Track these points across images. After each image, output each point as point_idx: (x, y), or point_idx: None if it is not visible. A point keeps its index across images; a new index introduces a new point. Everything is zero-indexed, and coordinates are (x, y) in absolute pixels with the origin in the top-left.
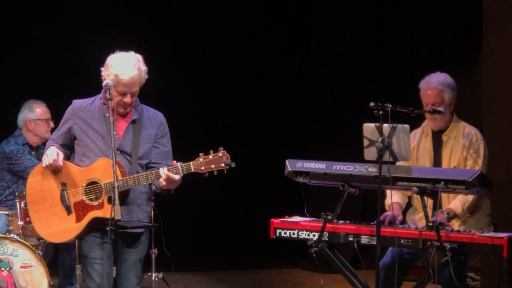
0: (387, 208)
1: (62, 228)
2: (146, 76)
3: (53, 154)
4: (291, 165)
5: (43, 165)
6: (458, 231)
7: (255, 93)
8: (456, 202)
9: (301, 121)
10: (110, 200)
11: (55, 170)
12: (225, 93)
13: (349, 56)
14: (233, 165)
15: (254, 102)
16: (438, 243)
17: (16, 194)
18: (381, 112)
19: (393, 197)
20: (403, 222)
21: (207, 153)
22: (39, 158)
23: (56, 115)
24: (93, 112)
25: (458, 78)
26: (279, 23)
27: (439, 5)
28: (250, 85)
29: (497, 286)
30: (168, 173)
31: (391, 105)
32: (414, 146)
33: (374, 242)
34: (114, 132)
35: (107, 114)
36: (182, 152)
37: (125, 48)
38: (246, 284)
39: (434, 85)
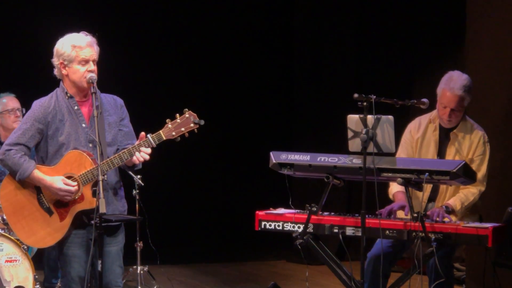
0: (391, 197)
1: (47, 231)
2: (99, 50)
3: (69, 187)
4: (275, 157)
5: (68, 199)
6: (443, 222)
7: (239, 85)
8: (456, 199)
9: (285, 113)
10: (94, 194)
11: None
12: (208, 86)
13: (332, 47)
14: (202, 122)
15: (238, 94)
16: (423, 234)
17: None
18: (365, 103)
19: (396, 186)
20: (390, 214)
21: (173, 118)
22: None
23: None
24: (60, 108)
25: (441, 69)
26: (262, 14)
27: None
28: (234, 77)
29: (482, 277)
30: (141, 147)
31: (375, 97)
32: (419, 137)
33: (359, 234)
34: (84, 125)
35: (76, 107)
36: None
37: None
38: (231, 277)
39: (459, 92)
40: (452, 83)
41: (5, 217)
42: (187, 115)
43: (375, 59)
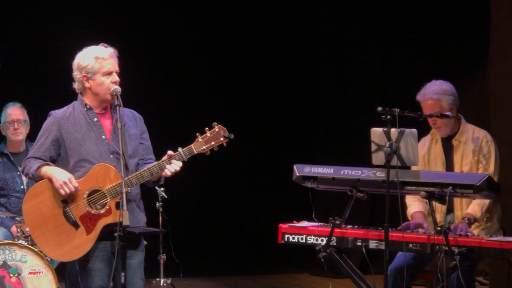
0: (409, 218)
1: (73, 244)
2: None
3: (72, 181)
4: (299, 170)
5: (63, 193)
6: (467, 235)
7: (263, 97)
8: (474, 206)
9: (309, 125)
10: (118, 206)
11: (50, 189)
12: (232, 99)
13: (356, 60)
14: (232, 136)
15: (261, 107)
16: (447, 248)
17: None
18: (388, 116)
19: (415, 206)
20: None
21: (203, 132)
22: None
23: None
24: (79, 120)
25: (466, 81)
26: (287, 26)
27: (446, 8)
28: (258, 89)
29: None
30: (172, 161)
31: (398, 110)
32: (425, 153)
33: (382, 247)
34: (104, 137)
35: (95, 119)
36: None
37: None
38: None
39: (430, 95)
40: (424, 91)
41: (27, 229)
42: (217, 129)
43: (399, 72)
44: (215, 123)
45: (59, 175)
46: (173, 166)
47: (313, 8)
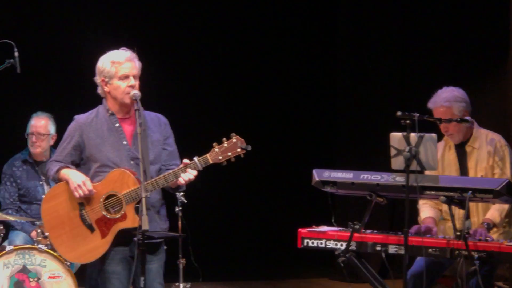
0: (421, 223)
1: (88, 247)
2: (140, 65)
3: (86, 184)
4: (318, 174)
5: (77, 196)
6: (486, 240)
7: (281, 102)
8: (493, 211)
9: (328, 130)
10: (137, 211)
11: (68, 191)
12: (251, 102)
13: (376, 64)
14: (249, 148)
15: (280, 111)
16: (466, 252)
17: None
18: (408, 121)
19: (426, 212)
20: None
21: (220, 142)
22: (42, 174)
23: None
24: (101, 125)
25: (485, 86)
26: (306, 30)
27: (466, 12)
28: (277, 94)
29: None
30: (187, 169)
31: (418, 115)
32: (439, 160)
33: (402, 252)
34: (125, 142)
35: (117, 125)
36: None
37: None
38: None
39: (441, 103)
40: (435, 98)
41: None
42: (234, 140)
43: (418, 76)
44: (233, 133)
45: (74, 178)
46: (187, 175)
47: (332, 13)
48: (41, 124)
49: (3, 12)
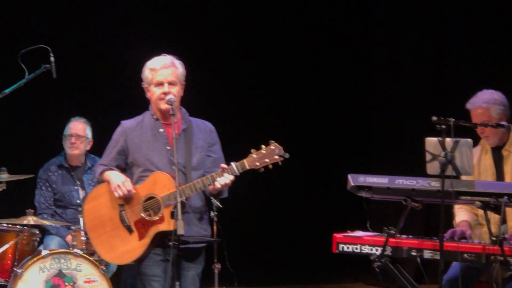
0: (456, 227)
1: (126, 249)
2: (184, 73)
3: (126, 184)
4: (353, 179)
5: (117, 196)
6: None
7: (316, 108)
8: None
9: (363, 135)
10: (172, 215)
11: (110, 192)
12: (285, 106)
13: (411, 69)
14: (287, 155)
15: (315, 117)
16: (502, 258)
17: (80, 210)
18: (443, 126)
19: (461, 215)
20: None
21: (258, 148)
22: (78, 179)
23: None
24: (145, 130)
25: None
26: (340, 36)
27: (503, 14)
28: (311, 98)
29: None
30: (224, 173)
31: (453, 119)
32: (475, 164)
33: (437, 257)
34: (168, 147)
35: (161, 130)
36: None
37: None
38: None
39: (479, 104)
40: (474, 99)
41: (82, 238)
42: (272, 147)
43: (453, 80)
44: (272, 141)
45: (114, 178)
46: (223, 179)
47: (367, 18)
48: (80, 127)
49: (39, 17)
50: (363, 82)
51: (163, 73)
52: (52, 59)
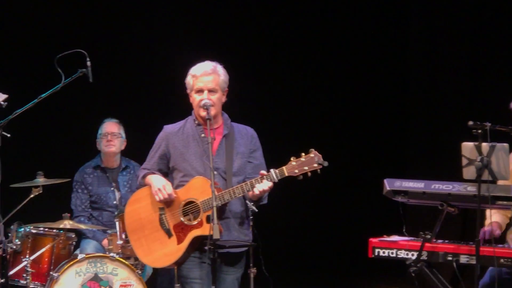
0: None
1: (164, 252)
2: (226, 80)
3: (166, 188)
4: (389, 184)
5: (157, 199)
6: None
7: (352, 110)
8: None
9: (399, 140)
10: (209, 219)
11: (150, 195)
12: (320, 110)
13: (447, 74)
14: (326, 164)
15: (352, 121)
16: None
17: (116, 213)
18: (480, 131)
19: (493, 217)
20: (503, 241)
21: (298, 156)
22: (113, 181)
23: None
24: (187, 135)
25: None
26: (377, 41)
27: None
28: (347, 102)
29: None
30: (263, 180)
31: (490, 124)
32: (511, 170)
33: (473, 262)
34: (210, 153)
35: (202, 135)
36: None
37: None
38: None
39: None
40: None
41: (118, 242)
42: (312, 155)
43: (490, 85)
44: (312, 149)
45: (155, 182)
46: (262, 186)
47: (404, 23)
48: (114, 126)
49: (76, 22)
50: (400, 86)
51: (203, 80)
52: (88, 63)
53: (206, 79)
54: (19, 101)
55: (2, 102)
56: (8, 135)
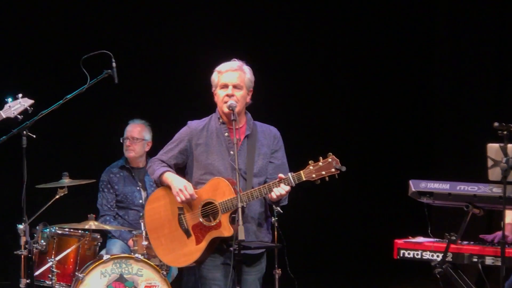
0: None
1: (183, 252)
2: (252, 79)
3: (188, 189)
4: (414, 185)
5: (179, 200)
6: None
7: (377, 112)
8: None
9: (424, 141)
10: (233, 221)
11: (170, 194)
12: (346, 112)
13: (472, 75)
14: (344, 169)
15: (377, 123)
16: None
17: (142, 214)
18: (505, 132)
19: (509, 218)
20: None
21: (316, 160)
22: (139, 180)
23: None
24: (211, 133)
25: None
26: (403, 43)
27: None
28: (372, 104)
29: None
30: (281, 184)
31: None
32: None
33: (499, 263)
34: (232, 152)
35: (226, 134)
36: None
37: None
38: None
39: None
40: None
41: (143, 243)
42: (329, 160)
43: None
44: (330, 153)
45: (176, 183)
46: (279, 190)
47: (429, 25)
48: (137, 129)
49: (101, 23)
50: (425, 87)
51: (228, 75)
52: (114, 64)
53: (232, 74)
54: (44, 102)
55: (28, 107)
56: (34, 136)
